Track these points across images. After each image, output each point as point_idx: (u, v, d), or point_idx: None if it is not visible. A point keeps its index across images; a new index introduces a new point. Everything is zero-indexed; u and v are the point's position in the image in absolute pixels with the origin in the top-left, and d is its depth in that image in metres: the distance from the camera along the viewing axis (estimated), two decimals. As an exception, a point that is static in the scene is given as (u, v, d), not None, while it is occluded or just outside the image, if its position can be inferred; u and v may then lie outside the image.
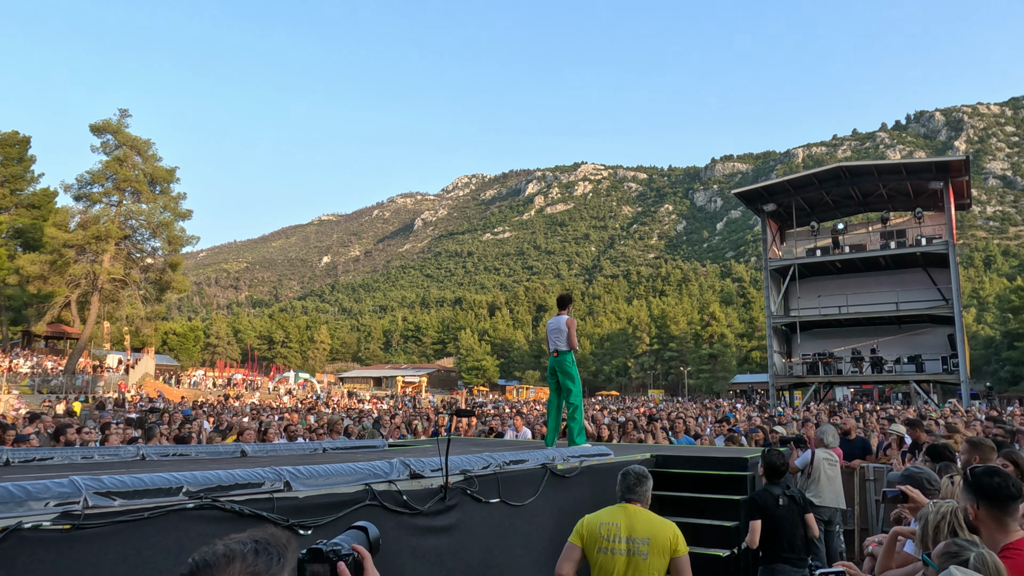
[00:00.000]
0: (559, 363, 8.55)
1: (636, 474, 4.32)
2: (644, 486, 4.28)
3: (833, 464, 8.07)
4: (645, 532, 4.08)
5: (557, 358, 8.56)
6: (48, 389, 40.87)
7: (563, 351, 8.56)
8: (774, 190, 42.07)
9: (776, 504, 5.81)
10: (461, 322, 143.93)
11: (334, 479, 3.92)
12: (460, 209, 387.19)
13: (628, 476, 4.31)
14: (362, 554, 1.76)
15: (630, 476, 4.31)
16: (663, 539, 4.05)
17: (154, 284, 49.25)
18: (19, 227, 51.96)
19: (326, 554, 1.69)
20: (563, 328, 8.53)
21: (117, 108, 50.10)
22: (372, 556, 1.81)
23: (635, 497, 4.24)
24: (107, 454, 6.16)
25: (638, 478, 4.29)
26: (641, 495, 4.26)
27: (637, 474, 4.32)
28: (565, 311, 8.69)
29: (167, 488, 3.14)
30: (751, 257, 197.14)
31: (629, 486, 4.27)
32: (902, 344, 40.58)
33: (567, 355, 8.58)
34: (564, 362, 8.56)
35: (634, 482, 4.27)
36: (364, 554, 1.77)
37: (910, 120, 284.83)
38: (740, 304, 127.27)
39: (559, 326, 8.58)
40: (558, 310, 8.74)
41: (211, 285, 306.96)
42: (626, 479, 4.30)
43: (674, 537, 4.10)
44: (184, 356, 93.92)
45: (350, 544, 1.77)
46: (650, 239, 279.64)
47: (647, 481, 4.32)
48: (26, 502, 2.70)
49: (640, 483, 4.28)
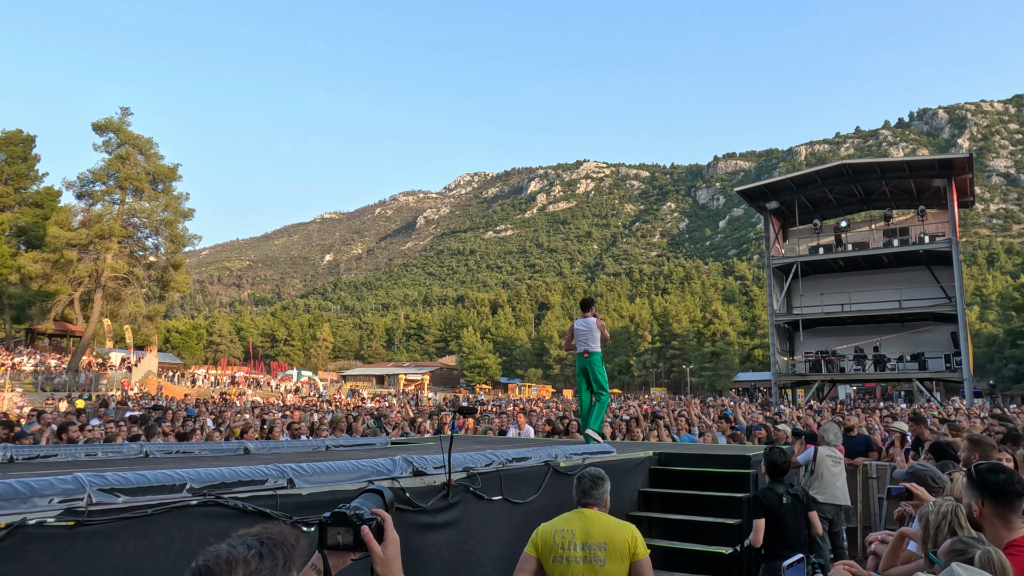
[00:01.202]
0: (589, 363, 9.10)
1: (592, 477, 4.12)
2: (600, 488, 4.08)
3: (836, 461, 8.08)
4: (601, 537, 3.88)
5: (587, 359, 9.09)
6: (51, 387, 40.97)
7: (593, 351, 9.11)
8: (777, 188, 42.04)
9: (780, 503, 5.80)
10: (463, 320, 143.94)
11: (337, 476, 3.93)
12: (462, 207, 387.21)
13: (583, 479, 4.11)
14: (383, 517, 1.79)
15: (585, 479, 4.11)
16: (620, 543, 3.86)
17: (156, 282, 49.31)
18: (22, 225, 52.04)
19: (350, 517, 1.72)
20: (594, 329, 9.09)
21: (119, 106, 49.95)
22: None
23: (591, 501, 4.05)
24: (111, 451, 6.17)
25: (594, 481, 4.09)
26: (598, 498, 4.06)
27: (593, 476, 4.12)
28: (590, 313, 9.22)
29: (170, 485, 3.14)
30: (754, 255, 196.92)
31: (584, 490, 4.07)
32: (905, 342, 40.55)
33: (596, 355, 9.14)
34: (593, 362, 9.11)
35: (589, 485, 4.08)
36: (385, 516, 1.80)
37: (913, 118, 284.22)
38: (743, 302, 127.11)
39: (589, 327, 9.12)
40: (583, 313, 9.25)
41: (214, 283, 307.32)
42: (581, 483, 4.11)
43: (632, 540, 3.88)
44: (187, 354, 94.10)
45: (370, 508, 1.80)
46: (652, 237, 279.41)
47: (603, 483, 4.11)
48: (31, 499, 2.71)
49: (596, 486, 4.07)
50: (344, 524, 1.72)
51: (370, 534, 1.72)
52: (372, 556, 1.74)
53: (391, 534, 1.78)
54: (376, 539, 1.75)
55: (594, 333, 9.10)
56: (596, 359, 9.15)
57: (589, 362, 9.09)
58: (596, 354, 9.15)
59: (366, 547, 1.71)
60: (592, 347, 9.08)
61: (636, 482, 7.05)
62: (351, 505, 1.79)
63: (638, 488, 7.04)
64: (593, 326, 9.10)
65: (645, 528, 6.63)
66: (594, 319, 9.14)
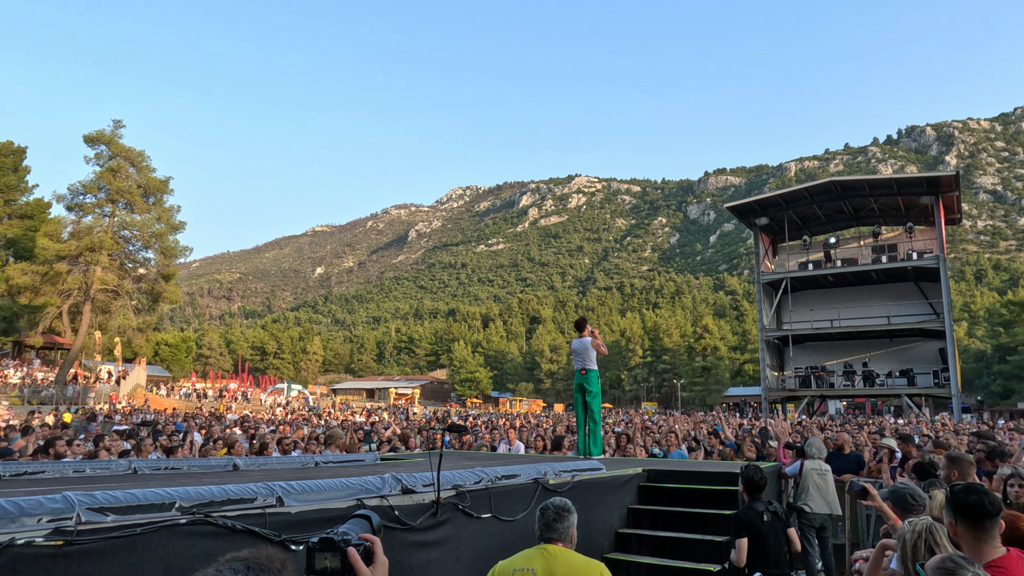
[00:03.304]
0: (586, 380, 9.65)
1: (556, 508, 3.64)
2: (565, 522, 3.60)
3: (822, 474, 8.14)
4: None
5: (584, 375, 9.65)
6: (38, 400, 40.55)
7: (590, 368, 9.64)
8: (767, 204, 42.34)
9: (761, 520, 5.77)
10: (454, 334, 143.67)
11: (326, 494, 3.94)
12: (454, 221, 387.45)
13: (547, 511, 3.63)
14: (372, 541, 1.81)
15: (549, 511, 3.63)
16: None
17: (146, 295, 49.04)
18: (11, 237, 51.70)
19: (337, 543, 1.74)
20: (589, 348, 9.59)
21: (111, 119, 49.90)
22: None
23: (555, 536, 3.57)
24: (99, 468, 6.14)
25: (558, 512, 3.61)
26: (563, 532, 3.59)
27: (557, 508, 3.64)
28: (585, 332, 9.69)
29: (160, 503, 3.15)
30: (744, 270, 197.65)
31: (548, 523, 3.60)
32: (894, 358, 40.77)
33: (592, 372, 9.67)
34: (590, 379, 9.65)
35: (553, 518, 3.60)
36: (374, 540, 1.82)
37: (901, 135, 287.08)
38: (733, 317, 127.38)
39: (584, 347, 9.61)
40: (578, 333, 9.75)
41: (204, 295, 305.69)
42: (544, 515, 3.63)
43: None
44: (176, 367, 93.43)
45: (358, 532, 1.83)
46: (644, 252, 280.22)
47: (569, 515, 3.64)
48: (19, 518, 2.71)
49: (560, 518, 3.60)
50: (331, 549, 1.72)
51: (357, 556, 1.72)
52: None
53: (380, 557, 1.79)
54: (365, 562, 1.75)
55: (589, 352, 9.59)
56: (593, 376, 9.65)
57: (586, 379, 9.62)
58: (593, 371, 9.64)
59: (353, 572, 1.72)
60: (589, 365, 9.61)
61: (625, 499, 7.06)
62: (339, 530, 1.80)
63: (627, 505, 7.06)
64: (588, 345, 9.57)
65: (633, 545, 6.65)
66: (589, 338, 9.61)
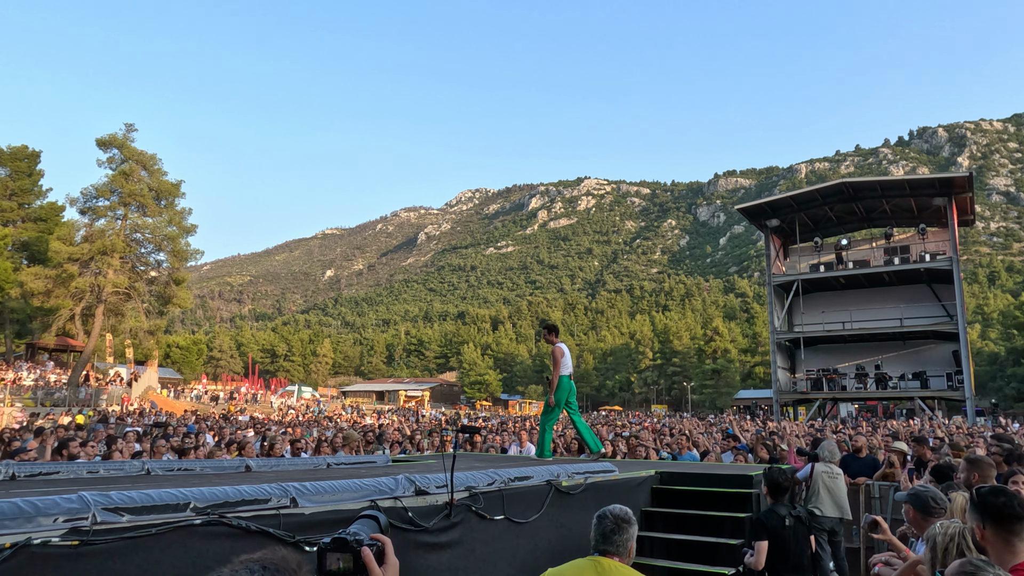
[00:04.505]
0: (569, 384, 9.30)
1: (615, 517, 3.28)
2: (625, 533, 3.25)
3: (833, 476, 8.14)
4: None
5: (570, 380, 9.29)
6: (51, 402, 40.87)
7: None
8: (777, 206, 42.15)
9: (783, 524, 5.64)
10: (464, 336, 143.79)
11: (340, 495, 3.93)
12: (463, 223, 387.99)
13: (605, 520, 3.27)
14: (384, 541, 1.81)
15: (607, 520, 3.27)
16: None
17: (158, 297, 49.35)
18: (25, 240, 52.14)
19: (350, 543, 1.73)
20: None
21: (123, 123, 50.31)
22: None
23: (612, 549, 3.23)
24: (112, 468, 6.16)
25: (617, 522, 3.26)
26: (621, 545, 3.24)
27: (616, 517, 3.28)
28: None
29: (174, 504, 3.15)
30: (754, 272, 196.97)
31: (605, 533, 3.24)
32: (906, 360, 40.47)
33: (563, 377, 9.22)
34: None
35: (612, 528, 3.24)
36: (385, 541, 1.81)
37: (913, 136, 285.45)
38: (744, 319, 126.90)
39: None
40: (557, 338, 9.26)
41: (215, 298, 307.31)
42: (602, 523, 3.27)
43: None
44: (187, 369, 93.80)
45: (368, 533, 1.82)
46: (653, 254, 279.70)
47: (629, 527, 3.28)
48: (35, 518, 2.72)
49: (620, 529, 3.24)
50: (344, 549, 1.72)
51: (371, 556, 1.73)
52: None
53: (391, 558, 1.80)
54: (377, 563, 1.76)
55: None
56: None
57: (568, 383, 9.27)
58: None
59: (365, 572, 1.72)
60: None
61: (638, 501, 7.02)
62: (349, 530, 1.80)
63: (640, 507, 7.02)
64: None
65: (647, 548, 6.61)
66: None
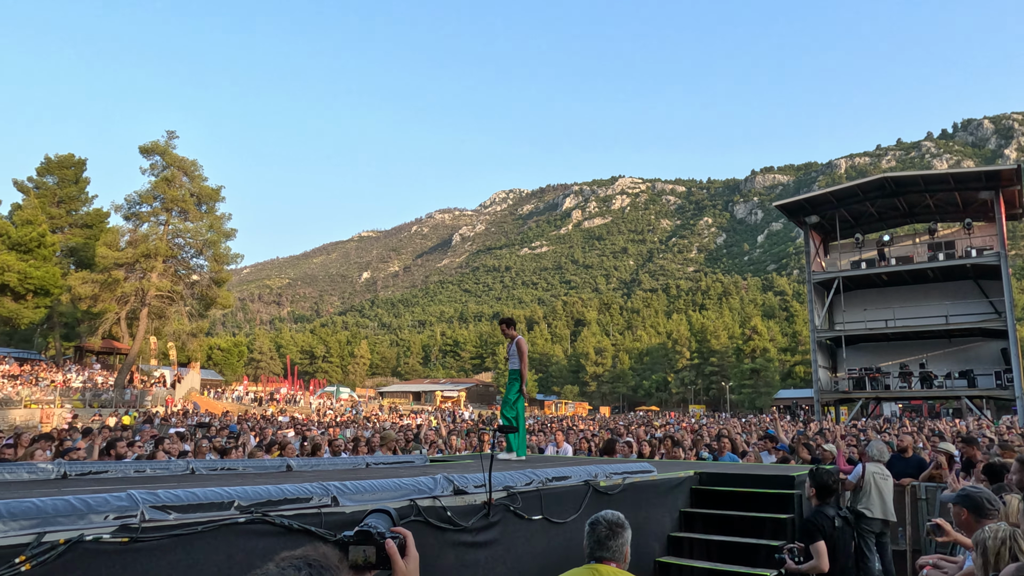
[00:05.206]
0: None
1: (608, 523, 3.30)
2: (620, 538, 3.28)
3: (885, 478, 8.06)
4: None
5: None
6: (99, 403, 42.01)
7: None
8: (817, 202, 41.48)
9: (832, 525, 5.62)
10: (499, 337, 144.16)
11: (380, 495, 3.97)
12: (498, 224, 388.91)
13: (598, 526, 3.30)
14: (404, 534, 1.83)
15: (600, 526, 3.29)
16: None
17: (199, 300, 50.43)
18: (72, 246, 53.69)
19: (374, 536, 1.76)
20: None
21: (165, 130, 51.49)
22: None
23: (608, 555, 3.25)
24: (158, 468, 6.30)
25: (611, 528, 3.28)
26: (616, 551, 3.26)
27: (610, 523, 3.30)
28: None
29: (219, 503, 3.21)
30: (793, 270, 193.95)
31: (599, 539, 3.27)
32: (953, 359, 39.47)
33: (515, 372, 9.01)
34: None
35: (606, 534, 3.27)
36: (406, 533, 1.84)
37: (957, 128, 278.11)
38: (783, 318, 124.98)
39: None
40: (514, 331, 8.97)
41: (254, 301, 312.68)
42: (595, 530, 3.30)
43: None
44: (228, 371, 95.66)
45: (387, 526, 1.85)
46: (689, 252, 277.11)
47: (623, 531, 3.31)
48: (87, 515, 2.79)
49: (614, 534, 3.27)
50: (368, 542, 1.75)
51: (395, 548, 1.76)
52: (395, 571, 1.77)
53: (412, 550, 1.82)
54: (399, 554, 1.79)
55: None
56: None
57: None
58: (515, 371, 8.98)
59: (387, 564, 1.75)
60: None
61: (677, 502, 6.96)
62: (369, 523, 1.83)
63: (679, 508, 6.96)
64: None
65: (686, 549, 6.54)
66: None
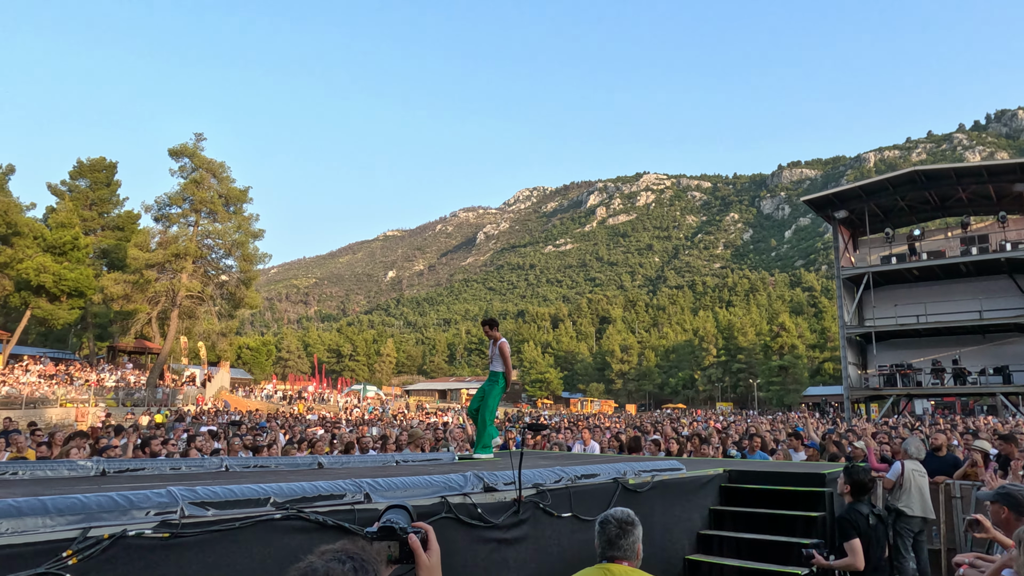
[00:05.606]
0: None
1: (619, 521, 3.22)
2: (631, 536, 3.20)
3: (923, 475, 8.00)
4: None
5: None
6: (131, 402, 42.80)
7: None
8: (845, 196, 40.91)
9: (866, 522, 5.60)
10: (524, 335, 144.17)
11: (411, 491, 4.01)
12: (522, 222, 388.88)
13: (608, 526, 3.23)
14: (426, 529, 1.86)
15: (611, 525, 3.22)
16: None
17: (228, 300, 51.14)
18: (105, 248, 54.75)
19: (397, 531, 1.80)
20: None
21: (193, 132, 52.27)
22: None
23: (619, 554, 3.18)
24: (193, 465, 6.41)
25: (622, 527, 3.21)
26: (627, 549, 3.19)
27: (620, 521, 3.23)
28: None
29: (256, 499, 3.27)
30: (822, 265, 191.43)
31: (610, 539, 3.20)
32: (987, 354, 38.69)
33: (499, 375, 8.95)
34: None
35: (616, 533, 3.20)
36: (428, 528, 1.86)
37: (990, 120, 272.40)
38: (811, 314, 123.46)
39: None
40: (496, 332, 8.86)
41: (282, 300, 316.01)
42: (605, 529, 3.23)
43: None
44: (257, 370, 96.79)
45: (407, 521, 1.87)
46: (715, 248, 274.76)
47: (634, 529, 3.23)
48: (129, 511, 2.87)
49: (625, 533, 3.20)
50: (391, 537, 1.79)
51: (418, 543, 1.79)
52: (418, 565, 1.80)
53: (434, 544, 1.85)
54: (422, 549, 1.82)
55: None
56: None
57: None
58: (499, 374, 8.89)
59: (409, 559, 1.78)
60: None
61: (707, 500, 6.93)
62: (390, 519, 1.86)
63: (708, 506, 6.92)
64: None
65: (715, 547, 6.51)
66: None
